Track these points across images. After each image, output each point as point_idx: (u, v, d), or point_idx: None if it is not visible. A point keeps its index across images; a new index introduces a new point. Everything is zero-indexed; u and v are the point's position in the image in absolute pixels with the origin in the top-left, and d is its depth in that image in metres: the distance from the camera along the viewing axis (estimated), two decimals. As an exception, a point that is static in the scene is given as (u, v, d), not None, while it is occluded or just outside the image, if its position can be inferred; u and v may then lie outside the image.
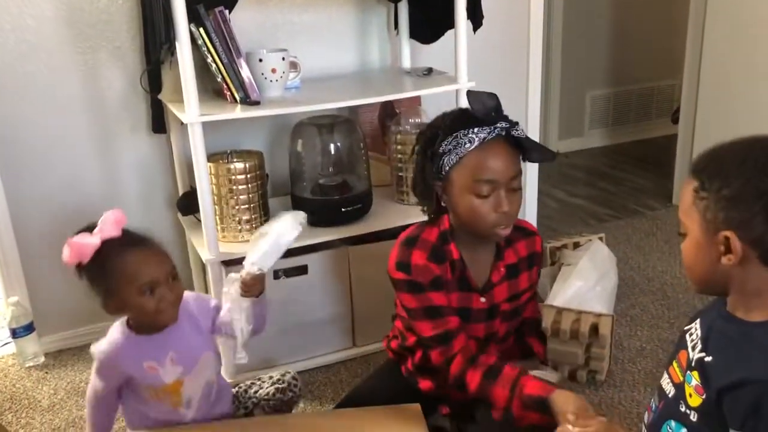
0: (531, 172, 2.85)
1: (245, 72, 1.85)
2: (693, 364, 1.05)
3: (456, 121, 1.40)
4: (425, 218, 1.54)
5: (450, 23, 2.06)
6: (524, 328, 1.66)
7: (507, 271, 1.52)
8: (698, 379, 1.03)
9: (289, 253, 2.01)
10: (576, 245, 2.42)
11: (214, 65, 1.84)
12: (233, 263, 1.94)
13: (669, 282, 2.52)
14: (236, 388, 1.65)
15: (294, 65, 2.04)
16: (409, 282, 1.45)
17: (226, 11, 1.85)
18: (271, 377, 1.65)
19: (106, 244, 1.32)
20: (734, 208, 0.97)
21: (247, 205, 1.96)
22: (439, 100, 2.18)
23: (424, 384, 1.59)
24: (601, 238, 2.55)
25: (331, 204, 2.06)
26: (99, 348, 1.42)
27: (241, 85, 1.85)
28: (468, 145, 1.36)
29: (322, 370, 2.09)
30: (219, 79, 1.87)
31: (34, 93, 2.05)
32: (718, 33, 2.91)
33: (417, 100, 2.31)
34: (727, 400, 0.99)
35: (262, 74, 1.89)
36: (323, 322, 2.09)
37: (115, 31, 2.08)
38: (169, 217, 2.26)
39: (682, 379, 1.08)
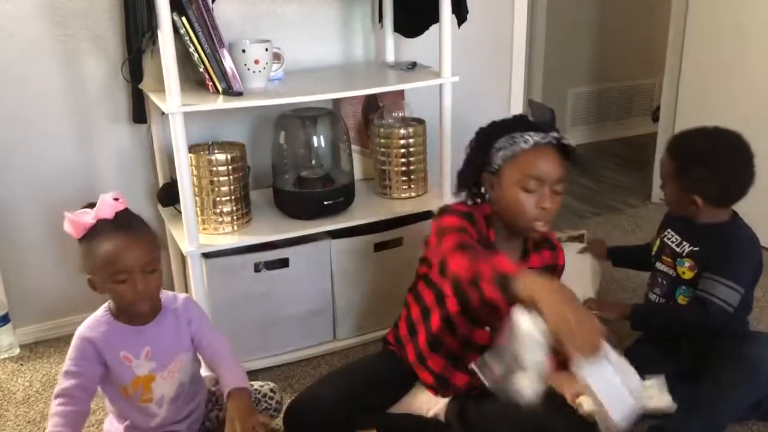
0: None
1: (228, 62, 1.83)
2: (684, 254, 1.78)
3: (515, 123, 1.58)
4: (410, 212, 1.58)
5: (434, 17, 2.06)
6: None
7: None
8: (690, 262, 1.76)
9: (271, 245, 2.01)
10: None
11: (196, 55, 1.82)
12: (213, 255, 1.93)
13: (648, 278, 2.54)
14: (215, 387, 1.64)
15: (277, 57, 2.02)
16: (439, 237, 1.47)
17: (209, 0, 1.83)
18: (251, 386, 1.62)
19: (98, 224, 1.35)
20: (700, 183, 1.70)
21: (228, 197, 1.94)
22: (422, 94, 2.19)
23: (424, 377, 1.68)
24: (582, 235, 2.57)
25: (313, 197, 2.05)
26: (81, 331, 1.42)
27: (223, 75, 1.83)
28: (524, 144, 1.52)
29: (302, 364, 2.09)
30: (201, 70, 1.85)
31: (11, 81, 2.01)
32: (699, 32, 2.94)
33: (401, 93, 2.30)
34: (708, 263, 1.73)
35: (245, 65, 1.88)
36: (304, 316, 2.09)
37: (96, 19, 2.05)
38: (149, 209, 2.23)
39: (673, 264, 1.80)
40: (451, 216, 1.52)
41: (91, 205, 1.38)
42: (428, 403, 1.68)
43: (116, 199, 1.39)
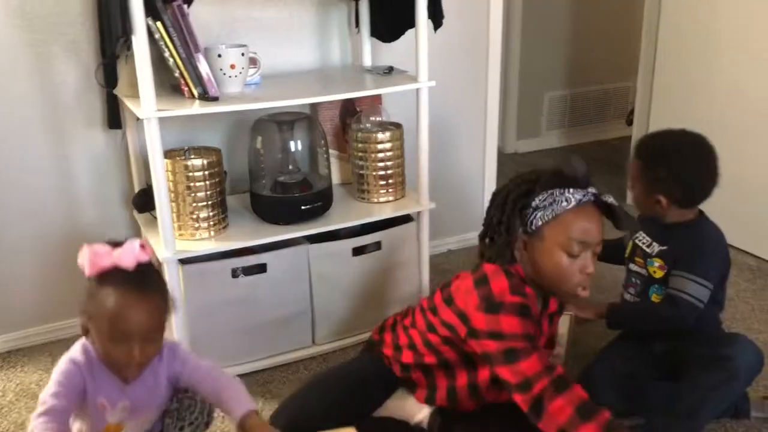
0: (489, 173, 2.87)
1: (203, 67, 1.82)
2: (653, 254, 1.79)
3: (553, 180, 1.45)
4: (388, 216, 1.53)
5: (411, 22, 2.06)
6: None
7: (549, 319, 1.61)
8: (660, 261, 1.77)
9: (249, 251, 2.00)
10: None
11: (171, 60, 1.81)
12: (190, 261, 1.92)
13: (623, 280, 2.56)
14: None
15: (254, 61, 2.02)
16: (503, 345, 1.41)
17: (185, 5, 1.82)
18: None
19: (114, 271, 1.27)
20: (664, 183, 1.71)
21: (204, 203, 1.93)
22: (399, 98, 2.20)
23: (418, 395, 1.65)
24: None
25: (290, 202, 2.04)
26: (73, 356, 1.35)
27: (199, 80, 1.82)
28: (565, 204, 1.42)
29: (281, 369, 2.08)
30: (176, 74, 1.83)
31: (-17, 86, 1.99)
32: (671, 36, 2.98)
33: (378, 98, 2.31)
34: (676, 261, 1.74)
35: (221, 70, 1.87)
36: (282, 321, 2.08)
37: (69, 23, 2.03)
38: (125, 215, 2.22)
39: (645, 265, 1.81)
40: (509, 317, 1.41)
41: (113, 243, 1.28)
42: (413, 408, 1.68)
43: (142, 247, 1.29)
